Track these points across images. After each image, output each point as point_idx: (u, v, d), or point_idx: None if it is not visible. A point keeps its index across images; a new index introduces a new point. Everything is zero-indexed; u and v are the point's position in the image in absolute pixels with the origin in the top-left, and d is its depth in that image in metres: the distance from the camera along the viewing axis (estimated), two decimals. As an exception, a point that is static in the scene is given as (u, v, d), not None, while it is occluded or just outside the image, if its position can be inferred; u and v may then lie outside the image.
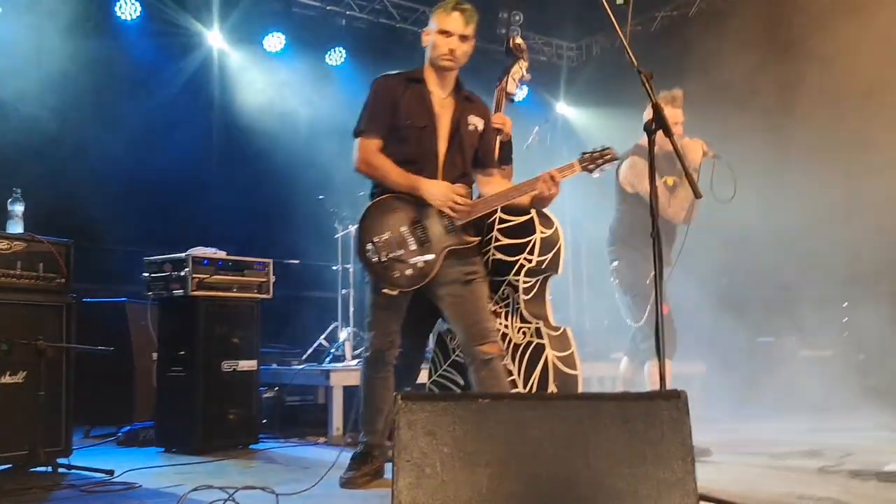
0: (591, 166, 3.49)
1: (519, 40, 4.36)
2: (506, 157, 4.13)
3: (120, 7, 7.11)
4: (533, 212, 3.96)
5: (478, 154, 3.63)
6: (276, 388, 5.70)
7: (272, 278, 5.02)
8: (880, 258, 6.77)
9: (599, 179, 3.64)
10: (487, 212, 3.55)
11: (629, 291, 4.62)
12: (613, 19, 2.77)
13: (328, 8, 8.51)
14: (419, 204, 3.39)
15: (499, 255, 3.89)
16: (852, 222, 6.61)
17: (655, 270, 2.63)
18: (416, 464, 1.82)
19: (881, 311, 6.71)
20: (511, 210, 3.96)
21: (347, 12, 8.64)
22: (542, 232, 3.93)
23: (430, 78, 3.52)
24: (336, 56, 8.52)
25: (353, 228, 6.26)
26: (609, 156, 3.51)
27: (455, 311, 3.47)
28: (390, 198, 3.42)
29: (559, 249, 3.96)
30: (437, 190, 3.37)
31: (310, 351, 6.31)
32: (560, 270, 4.04)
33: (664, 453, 1.83)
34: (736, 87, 7.28)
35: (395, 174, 3.40)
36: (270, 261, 5.06)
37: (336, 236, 6.43)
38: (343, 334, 6.15)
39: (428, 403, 1.88)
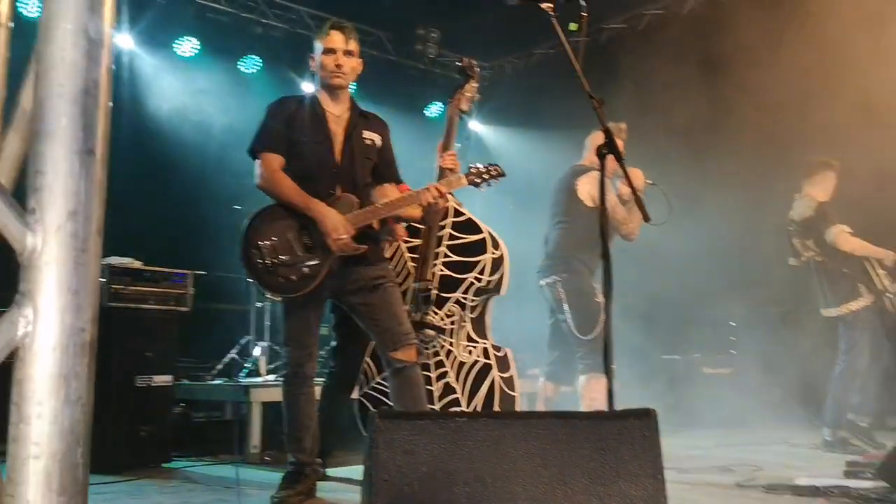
0: (478, 181, 3.66)
1: (471, 62, 4.41)
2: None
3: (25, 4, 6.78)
4: (486, 232, 4.02)
5: (378, 168, 3.66)
6: (183, 405, 5.50)
7: (191, 290, 4.87)
8: (774, 281, 7.13)
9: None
10: (369, 221, 3.53)
11: (577, 305, 4.67)
12: (567, 45, 2.81)
13: (243, 15, 8.37)
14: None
15: (447, 271, 3.92)
16: (754, 246, 6.93)
17: (606, 288, 2.69)
18: (394, 483, 1.79)
19: (772, 333, 7.05)
20: (463, 228, 4.01)
21: (263, 20, 8.51)
22: (492, 252, 4.00)
23: (324, 99, 3.57)
24: (250, 64, 8.36)
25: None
26: (495, 172, 3.68)
27: (367, 319, 3.50)
28: (277, 206, 3.43)
29: (504, 272, 4.04)
30: (329, 222, 3.35)
31: (220, 366, 6.12)
32: (503, 292, 4.10)
33: (636, 471, 1.87)
34: (661, 107, 7.54)
35: (295, 195, 3.39)
36: (190, 273, 4.90)
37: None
38: (257, 350, 6.01)
39: (406, 422, 1.85)
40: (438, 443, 1.84)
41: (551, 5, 2.86)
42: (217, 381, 5.65)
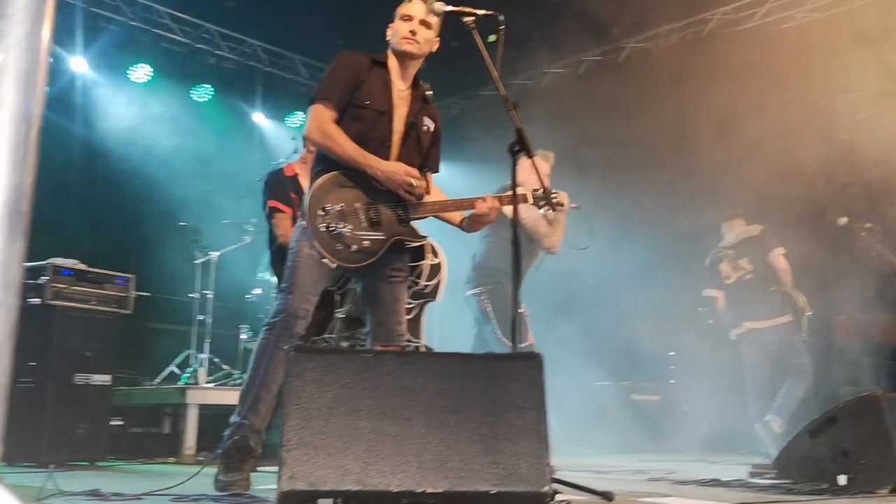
0: (543, 203, 3.65)
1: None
2: None
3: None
4: (427, 238, 4.20)
5: (427, 156, 3.59)
6: (121, 419, 5.56)
7: (133, 294, 5.00)
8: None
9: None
10: (432, 214, 3.49)
11: (504, 316, 4.81)
12: (486, 55, 3.11)
13: (197, 45, 8.63)
14: (373, 186, 3.29)
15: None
16: (688, 275, 7.28)
17: (515, 272, 2.93)
18: (304, 408, 2.00)
19: (707, 366, 7.37)
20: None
21: (216, 51, 8.78)
22: (431, 258, 4.20)
23: (393, 67, 3.46)
24: (202, 92, 8.58)
25: (213, 255, 6.36)
26: (558, 201, 3.71)
27: (370, 303, 3.42)
28: (342, 174, 3.29)
29: (441, 279, 4.25)
30: (392, 169, 3.26)
31: (159, 379, 6.21)
32: (438, 298, 4.31)
33: (522, 404, 2.11)
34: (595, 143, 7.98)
35: (352, 148, 3.25)
36: (133, 276, 5.03)
37: (196, 262, 6.44)
38: (201, 369, 6.11)
39: (317, 356, 2.07)
40: (345, 375, 2.06)
41: (472, 18, 3.17)
42: (153, 386, 5.73)
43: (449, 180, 10.18)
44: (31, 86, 1.14)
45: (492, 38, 3.15)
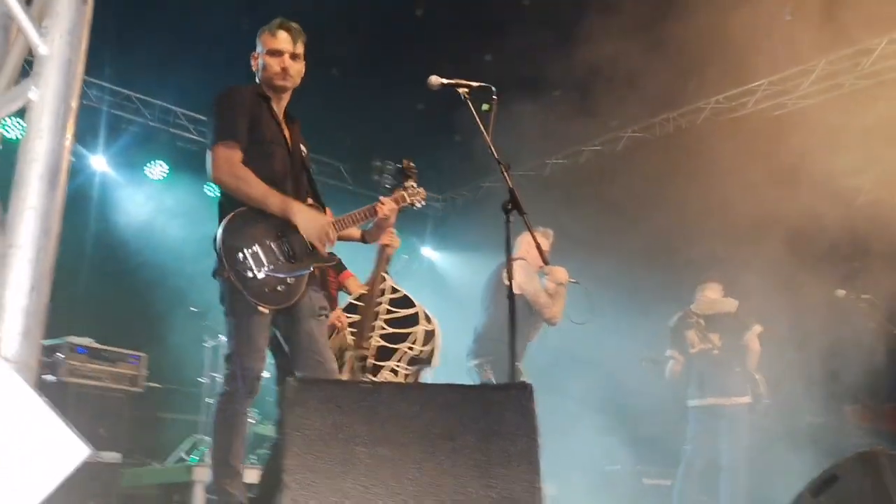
0: (409, 201, 3.94)
1: (409, 163, 4.82)
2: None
3: (4, 127, 7.32)
4: (418, 306, 4.35)
5: (311, 181, 3.57)
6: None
7: (144, 372, 5.11)
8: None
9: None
10: (347, 228, 3.54)
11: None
12: (480, 122, 3.32)
13: (212, 143, 8.99)
14: (277, 218, 3.21)
15: (383, 342, 4.25)
16: None
17: (510, 326, 3.05)
18: (305, 435, 2.10)
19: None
20: (398, 303, 4.36)
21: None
22: (425, 325, 4.33)
23: (268, 95, 3.42)
24: (216, 187, 8.87)
25: (222, 339, 6.48)
26: (417, 197, 4.05)
27: (301, 347, 3.29)
28: (247, 211, 3.16)
29: (436, 345, 4.37)
30: (313, 223, 3.23)
31: (167, 462, 6.23)
32: (434, 364, 4.42)
33: (515, 431, 2.20)
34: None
35: (265, 190, 3.14)
36: (144, 355, 5.16)
37: (206, 345, 6.56)
38: (208, 451, 6.14)
39: (318, 385, 2.18)
40: (344, 404, 2.16)
41: (467, 90, 3.40)
42: (162, 464, 5.76)
43: (452, 268, 10.45)
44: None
45: (485, 106, 3.38)
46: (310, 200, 3.46)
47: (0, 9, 1.34)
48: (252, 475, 3.97)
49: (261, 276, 3.08)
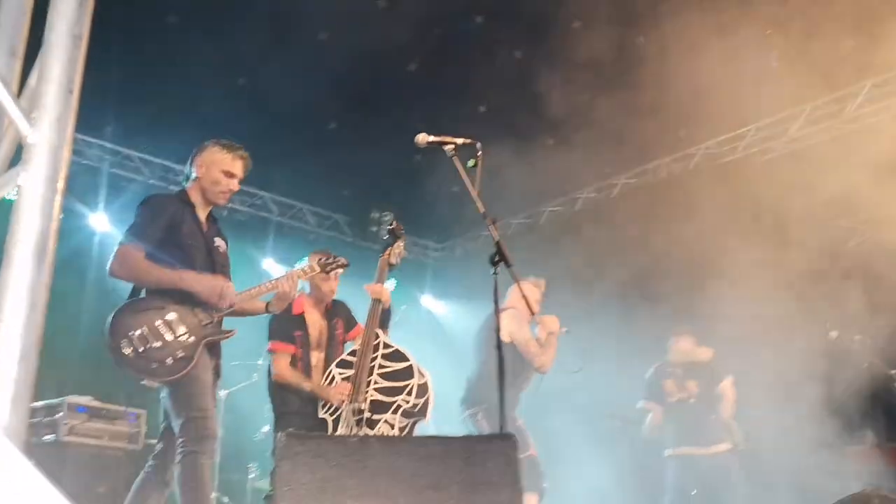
0: (329, 268, 4.25)
1: (399, 224, 5.01)
2: (384, 322, 4.72)
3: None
4: (411, 360, 4.44)
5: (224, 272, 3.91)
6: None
7: (143, 429, 5.15)
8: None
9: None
10: (251, 299, 3.91)
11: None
12: (466, 178, 3.43)
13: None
14: (172, 299, 3.54)
15: (378, 396, 4.31)
16: None
17: (499, 374, 3.12)
18: (294, 490, 2.16)
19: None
20: (391, 357, 4.44)
21: (230, 205, 9.26)
22: (418, 379, 4.40)
23: (197, 201, 3.82)
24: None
25: (222, 394, 6.53)
26: (342, 262, 4.33)
27: (186, 404, 3.54)
28: (140, 299, 3.58)
29: (429, 398, 4.42)
30: (206, 282, 3.58)
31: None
32: (428, 417, 4.46)
33: (498, 481, 2.26)
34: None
35: (159, 272, 3.52)
36: (143, 412, 5.20)
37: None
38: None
39: (307, 440, 2.24)
40: (333, 458, 2.22)
41: (453, 146, 3.51)
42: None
43: (451, 317, 10.49)
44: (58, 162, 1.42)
45: (471, 162, 3.49)
46: None
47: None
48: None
49: (142, 351, 3.40)
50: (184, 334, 3.49)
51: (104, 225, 8.30)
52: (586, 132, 7.93)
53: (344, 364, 4.57)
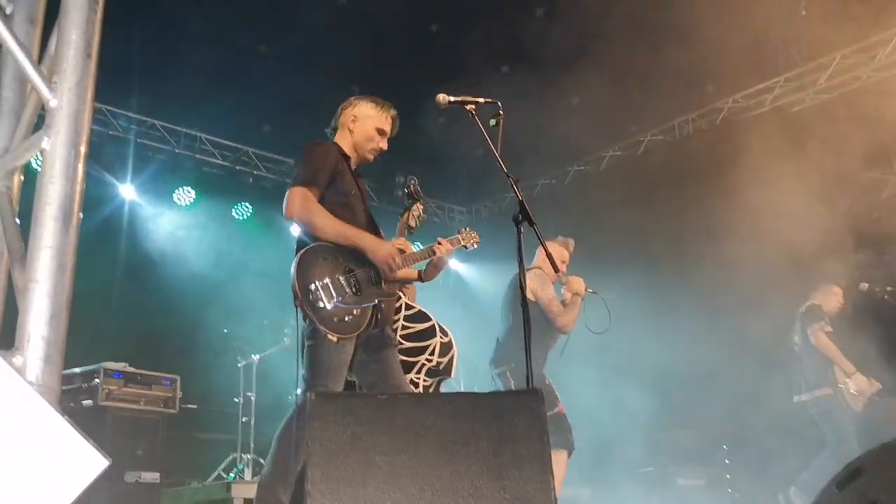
0: (467, 246, 4.07)
1: (416, 187, 5.00)
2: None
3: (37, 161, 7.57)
4: (434, 319, 4.48)
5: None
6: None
7: (179, 394, 5.26)
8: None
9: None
10: (411, 264, 3.74)
11: None
12: (488, 138, 3.41)
13: (237, 168, 9.20)
14: (347, 254, 3.43)
15: (402, 357, 4.35)
16: (736, 356, 7.32)
17: (525, 334, 3.14)
18: (326, 446, 2.20)
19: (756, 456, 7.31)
20: (414, 319, 4.47)
21: (255, 172, 9.34)
22: (441, 337, 4.43)
23: (351, 155, 3.71)
24: (242, 210, 9.09)
25: (255, 358, 6.63)
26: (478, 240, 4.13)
27: (376, 376, 3.51)
28: (319, 247, 3.40)
29: (453, 356, 4.46)
30: (382, 249, 3.45)
31: (209, 480, 6.38)
32: (453, 375, 4.51)
33: (526, 434, 2.28)
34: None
35: (341, 225, 3.41)
36: (177, 377, 5.30)
37: (239, 365, 6.71)
38: (247, 469, 6.26)
39: (337, 399, 2.28)
40: (363, 416, 2.25)
41: (473, 106, 3.50)
42: (201, 483, 5.90)
43: (479, 279, 10.51)
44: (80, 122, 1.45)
45: (492, 122, 3.47)
46: None
47: (16, 67, 1.47)
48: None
49: (330, 306, 3.29)
50: (360, 292, 3.41)
51: (132, 195, 8.38)
52: (611, 89, 7.86)
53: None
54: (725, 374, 7.51)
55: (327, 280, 3.33)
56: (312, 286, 3.30)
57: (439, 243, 3.83)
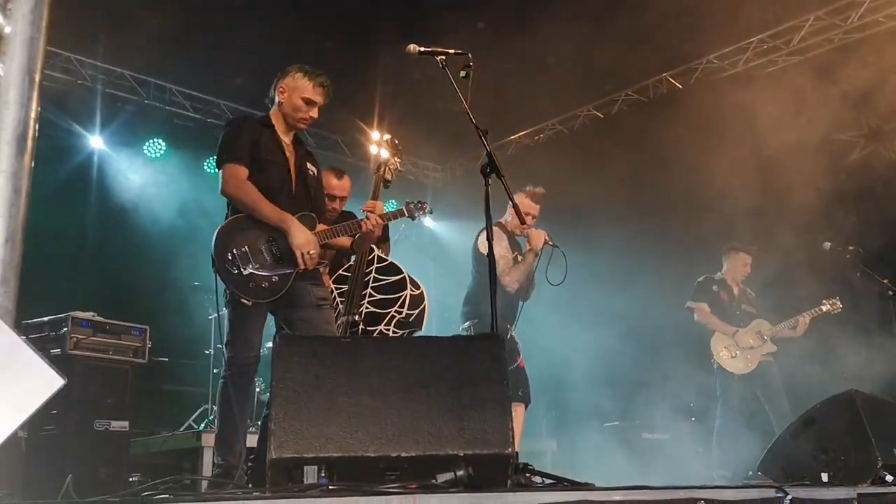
0: (415, 214, 4.11)
1: (394, 141, 4.98)
2: (384, 238, 4.77)
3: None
4: (405, 272, 4.50)
5: (315, 199, 3.97)
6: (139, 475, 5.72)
7: (149, 344, 5.26)
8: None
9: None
10: (330, 239, 3.83)
11: None
12: (458, 89, 3.42)
13: (208, 120, 9.10)
14: (272, 225, 3.64)
15: (372, 308, 4.39)
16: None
17: (491, 291, 3.18)
18: (289, 387, 2.24)
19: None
20: (385, 271, 4.50)
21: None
22: (411, 290, 4.47)
23: (279, 126, 3.86)
24: (213, 163, 9.00)
25: (226, 310, 6.64)
26: (427, 208, 4.16)
27: (305, 330, 3.60)
28: (245, 217, 3.64)
29: (424, 308, 4.50)
30: (299, 237, 3.62)
31: (178, 432, 6.41)
32: (423, 327, 4.55)
33: (486, 377, 2.34)
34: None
35: (267, 206, 3.63)
36: (147, 327, 5.30)
37: (210, 318, 6.71)
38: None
39: (300, 341, 2.32)
40: (326, 358, 2.30)
41: (444, 57, 3.50)
42: (171, 433, 5.94)
43: (453, 237, 10.54)
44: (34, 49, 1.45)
45: (462, 73, 3.47)
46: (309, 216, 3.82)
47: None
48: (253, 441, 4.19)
49: (246, 272, 3.53)
50: (280, 261, 3.60)
51: (101, 145, 8.28)
52: (587, 49, 7.84)
53: (340, 279, 4.65)
54: (692, 331, 7.65)
55: (246, 248, 3.56)
56: (230, 254, 3.54)
57: (367, 218, 3.91)
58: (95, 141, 8.24)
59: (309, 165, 3.97)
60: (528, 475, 2.58)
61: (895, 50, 7.05)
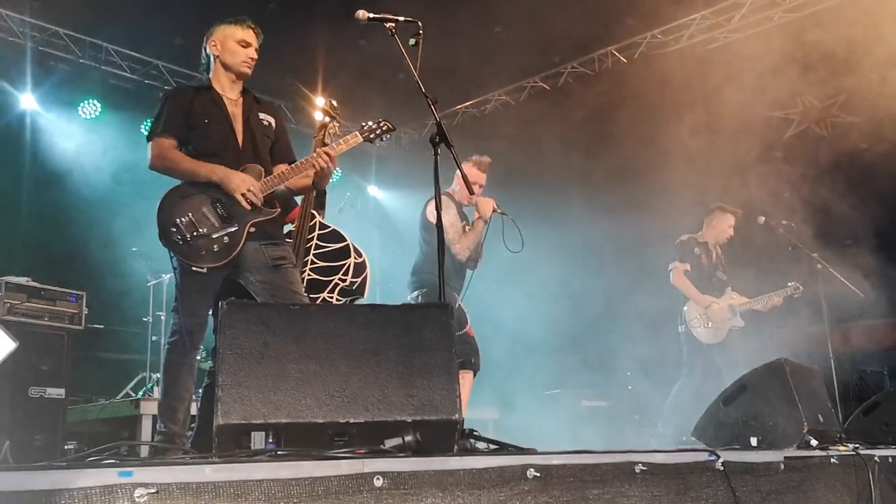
0: (372, 136, 3.93)
1: (334, 105, 4.90)
2: (321, 204, 4.72)
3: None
4: (348, 240, 4.48)
5: (274, 148, 3.87)
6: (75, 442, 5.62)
7: (85, 310, 5.15)
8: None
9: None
10: (278, 187, 3.70)
11: None
12: (407, 57, 3.40)
13: (146, 82, 8.86)
14: (216, 186, 3.56)
15: (314, 276, 4.36)
16: (645, 285, 7.57)
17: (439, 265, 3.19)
18: (237, 353, 2.22)
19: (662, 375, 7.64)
20: (328, 238, 4.47)
21: (166, 87, 9.01)
22: (355, 258, 4.46)
23: (220, 85, 3.78)
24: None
25: (165, 277, 6.54)
26: (385, 126, 3.96)
27: (266, 296, 3.59)
28: (185, 185, 3.58)
29: (367, 276, 4.49)
30: (232, 180, 3.54)
31: (115, 399, 6.32)
32: (366, 295, 4.55)
33: (434, 345, 2.36)
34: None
35: (191, 164, 3.57)
36: (83, 293, 5.19)
37: (148, 284, 6.60)
38: (157, 388, 6.23)
39: (248, 308, 2.30)
40: (274, 325, 2.28)
41: (393, 24, 3.47)
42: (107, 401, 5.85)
43: (398, 206, 10.52)
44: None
45: (411, 41, 3.45)
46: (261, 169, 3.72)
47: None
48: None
49: (192, 239, 3.48)
50: (228, 220, 3.54)
51: (33, 105, 8.01)
52: (533, 20, 7.85)
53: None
54: (632, 300, 7.80)
55: (190, 215, 3.50)
56: (174, 224, 3.47)
57: (318, 154, 3.75)
58: (27, 100, 7.96)
59: (262, 116, 3.86)
60: (473, 441, 2.62)
61: (834, 29, 7.21)
